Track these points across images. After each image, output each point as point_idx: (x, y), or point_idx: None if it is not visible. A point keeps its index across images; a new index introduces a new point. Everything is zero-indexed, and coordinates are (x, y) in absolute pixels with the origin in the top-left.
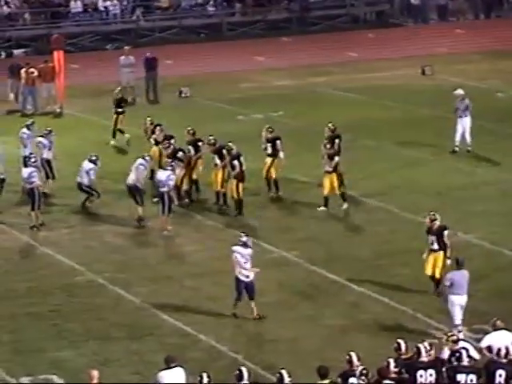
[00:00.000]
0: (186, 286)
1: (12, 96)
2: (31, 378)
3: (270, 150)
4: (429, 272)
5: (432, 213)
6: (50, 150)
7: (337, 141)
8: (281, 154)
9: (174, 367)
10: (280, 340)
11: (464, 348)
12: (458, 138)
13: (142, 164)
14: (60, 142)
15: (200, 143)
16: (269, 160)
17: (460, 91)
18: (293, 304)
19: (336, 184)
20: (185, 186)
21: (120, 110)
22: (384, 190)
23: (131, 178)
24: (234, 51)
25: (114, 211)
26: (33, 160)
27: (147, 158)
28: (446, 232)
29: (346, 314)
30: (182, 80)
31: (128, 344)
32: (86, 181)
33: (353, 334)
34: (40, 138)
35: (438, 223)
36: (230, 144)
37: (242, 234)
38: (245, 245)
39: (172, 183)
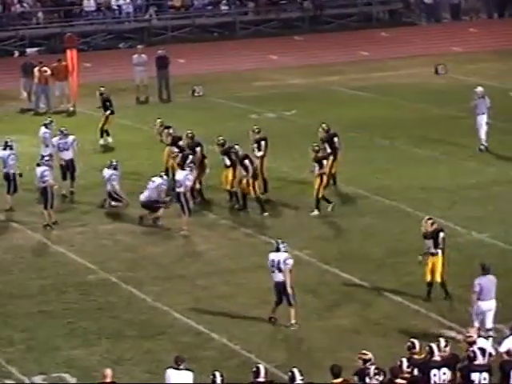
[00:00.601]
0: (198, 285)
1: (25, 95)
2: (44, 377)
3: (256, 151)
4: (428, 278)
5: (428, 217)
6: (67, 150)
7: (336, 139)
8: (256, 153)
9: (182, 369)
10: (292, 339)
11: (481, 348)
12: (482, 135)
13: (163, 184)
14: None
15: (198, 148)
16: (257, 161)
17: (480, 89)
18: (305, 303)
19: (316, 187)
20: (197, 186)
21: (108, 111)
22: (396, 189)
23: (145, 196)
24: (247, 50)
25: (126, 210)
26: (46, 159)
27: (165, 177)
28: (442, 234)
29: (358, 313)
30: (195, 79)
31: (140, 342)
32: (109, 187)
33: (365, 334)
34: (55, 139)
35: (435, 226)
36: (236, 147)
37: (279, 241)
38: (277, 249)
39: (189, 184)
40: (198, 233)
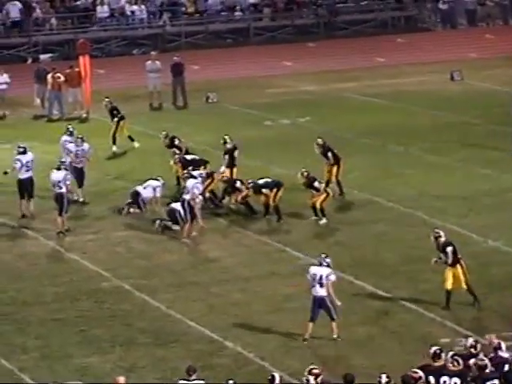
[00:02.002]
0: (211, 292)
1: (38, 101)
2: None
3: (223, 167)
4: (449, 286)
5: (436, 230)
6: (77, 157)
7: (329, 154)
8: (221, 168)
9: (194, 379)
10: (306, 346)
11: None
12: None
13: (158, 187)
14: None
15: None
16: (227, 171)
17: None
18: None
19: (322, 198)
20: (207, 194)
21: (116, 118)
22: (411, 196)
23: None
24: (261, 56)
25: (139, 216)
26: (67, 163)
27: (161, 180)
28: (449, 249)
29: (373, 320)
30: (209, 85)
31: (154, 350)
32: (144, 195)
33: (380, 341)
34: (70, 145)
35: (442, 240)
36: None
37: (322, 255)
38: (320, 264)
39: (196, 192)
40: (211, 239)
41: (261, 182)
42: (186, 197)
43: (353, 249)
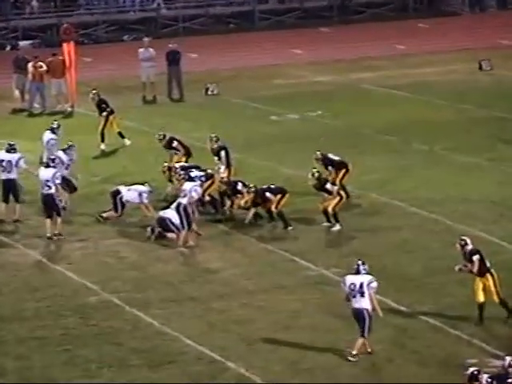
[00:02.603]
0: (211, 308)
1: (17, 93)
2: None
3: (219, 164)
4: (481, 298)
5: (462, 237)
6: (67, 168)
7: (330, 168)
8: (221, 168)
9: None
10: (318, 368)
11: None
12: None
13: (144, 192)
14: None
15: (223, 152)
16: (223, 175)
17: None
18: (332, 328)
19: (335, 202)
20: (207, 198)
21: (105, 113)
22: (435, 200)
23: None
24: (268, 43)
25: (131, 223)
26: (57, 162)
27: (148, 186)
28: (475, 257)
29: (392, 339)
30: (209, 76)
31: (147, 372)
32: (126, 196)
33: (400, 362)
34: (60, 153)
35: (469, 247)
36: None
37: (359, 262)
38: (357, 271)
39: (195, 195)
40: (211, 248)
41: (264, 187)
42: (183, 201)
43: (370, 259)
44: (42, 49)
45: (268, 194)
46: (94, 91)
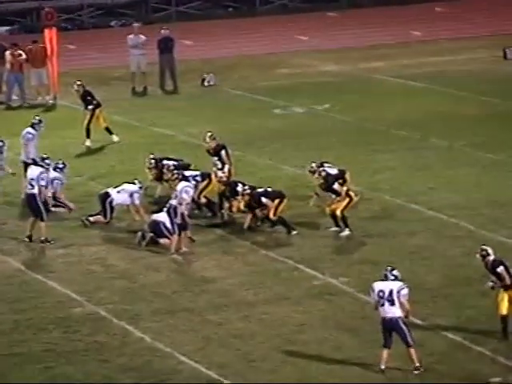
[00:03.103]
0: (208, 321)
1: None
2: None
3: (219, 165)
4: (504, 311)
5: (483, 247)
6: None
7: (336, 186)
8: (225, 168)
9: None
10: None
11: None
12: None
13: (136, 192)
14: (53, 141)
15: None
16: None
17: None
18: (340, 343)
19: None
20: (203, 200)
21: (91, 106)
22: (456, 202)
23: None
24: (270, 29)
25: (120, 228)
26: (47, 162)
27: (139, 184)
28: (500, 269)
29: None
30: (205, 65)
31: None
32: (116, 199)
33: (416, 381)
34: (55, 174)
35: (491, 258)
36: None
37: (388, 267)
38: (385, 277)
39: (185, 196)
40: (207, 255)
41: (260, 190)
42: (173, 202)
43: (382, 267)
44: (22, 35)
45: (264, 200)
46: (78, 82)
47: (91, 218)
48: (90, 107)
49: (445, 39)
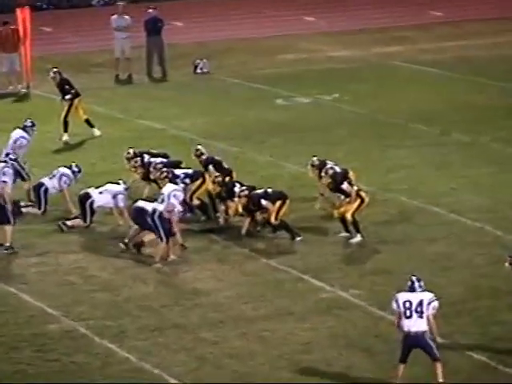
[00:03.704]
0: (202, 339)
1: None
2: None
3: (215, 173)
4: None
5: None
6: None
7: (345, 185)
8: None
9: None
10: None
11: None
12: None
13: (120, 193)
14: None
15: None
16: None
17: None
18: (351, 363)
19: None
20: (196, 202)
21: (69, 96)
22: (482, 205)
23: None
24: (271, 9)
25: (101, 233)
26: (11, 157)
27: (123, 185)
28: None
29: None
30: (198, 49)
31: None
32: (97, 201)
33: None
34: (66, 171)
35: None
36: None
37: (413, 277)
38: (411, 288)
39: (174, 201)
40: (201, 265)
41: (259, 191)
42: (159, 207)
43: (399, 278)
44: None
45: (264, 202)
46: (54, 69)
47: (69, 222)
48: (68, 97)
49: (467, 20)
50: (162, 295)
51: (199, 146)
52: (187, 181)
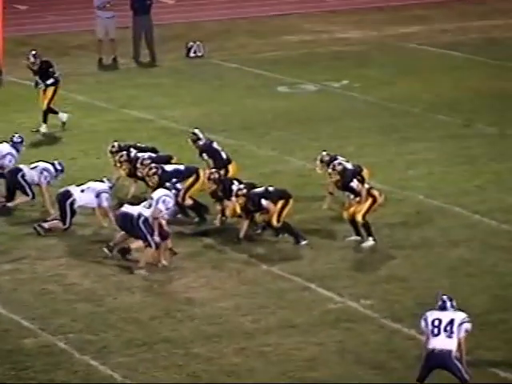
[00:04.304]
0: (195, 354)
1: None
2: None
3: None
4: None
5: None
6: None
7: (354, 183)
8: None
9: None
10: None
11: None
12: None
13: (105, 191)
14: None
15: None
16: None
17: None
18: (361, 381)
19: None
20: (189, 201)
21: (51, 80)
22: (510, 204)
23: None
24: None
25: (83, 236)
26: None
27: (107, 182)
28: None
29: None
30: (192, 31)
31: None
32: (79, 200)
33: None
34: (48, 165)
35: None
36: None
37: (444, 297)
38: (442, 307)
39: (162, 208)
40: (194, 272)
41: (259, 190)
42: (145, 212)
43: (416, 286)
44: None
45: (265, 203)
46: (33, 52)
47: (46, 224)
48: (50, 82)
49: None
50: (150, 306)
51: (196, 130)
52: (179, 186)
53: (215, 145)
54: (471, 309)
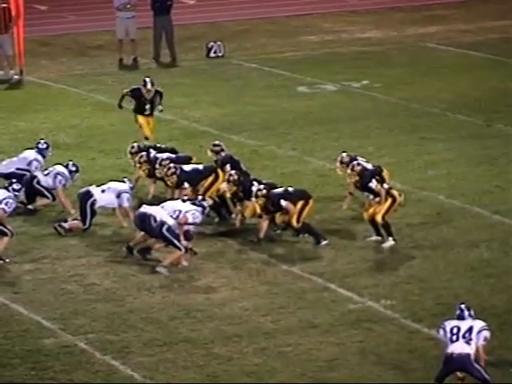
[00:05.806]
0: (215, 354)
1: None
2: None
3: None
4: None
5: None
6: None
7: (373, 183)
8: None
9: None
10: None
11: None
12: None
13: (125, 191)
14: (19, 127)
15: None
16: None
17: None
18: (382, 382)
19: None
20: (209, 200)
21: (156, 111)
22: None
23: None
24: None
25: (103, 236)
26: (16, 187)
27: (128, 183)
28: None
29: None
30: (212, 31)
31: None
32: (99, 200)
33: None
34: (63, 169)
35: None
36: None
37: (462, 306)
38: (460, 317)
39: (190, 220)
40: (214, 272)
41: (279, 190)
42: (169, 221)
43: (436, 286)
44: None
45: (284, 203)
46: (147, 79)
47: (66, 225)
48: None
49: None
50: (171, 306)
51: (219, 142)
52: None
53: (235, 157)
54: (491, 309)
